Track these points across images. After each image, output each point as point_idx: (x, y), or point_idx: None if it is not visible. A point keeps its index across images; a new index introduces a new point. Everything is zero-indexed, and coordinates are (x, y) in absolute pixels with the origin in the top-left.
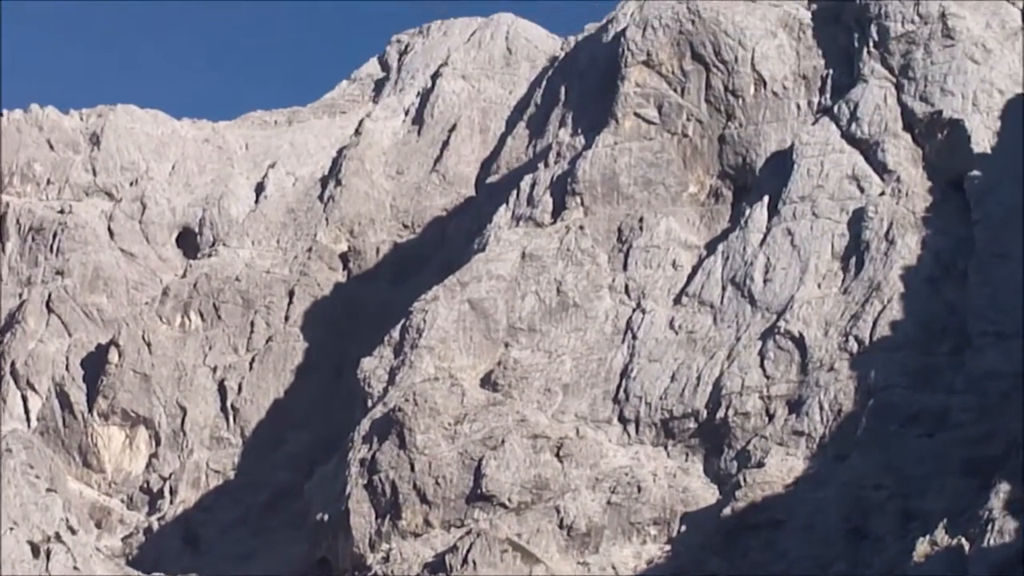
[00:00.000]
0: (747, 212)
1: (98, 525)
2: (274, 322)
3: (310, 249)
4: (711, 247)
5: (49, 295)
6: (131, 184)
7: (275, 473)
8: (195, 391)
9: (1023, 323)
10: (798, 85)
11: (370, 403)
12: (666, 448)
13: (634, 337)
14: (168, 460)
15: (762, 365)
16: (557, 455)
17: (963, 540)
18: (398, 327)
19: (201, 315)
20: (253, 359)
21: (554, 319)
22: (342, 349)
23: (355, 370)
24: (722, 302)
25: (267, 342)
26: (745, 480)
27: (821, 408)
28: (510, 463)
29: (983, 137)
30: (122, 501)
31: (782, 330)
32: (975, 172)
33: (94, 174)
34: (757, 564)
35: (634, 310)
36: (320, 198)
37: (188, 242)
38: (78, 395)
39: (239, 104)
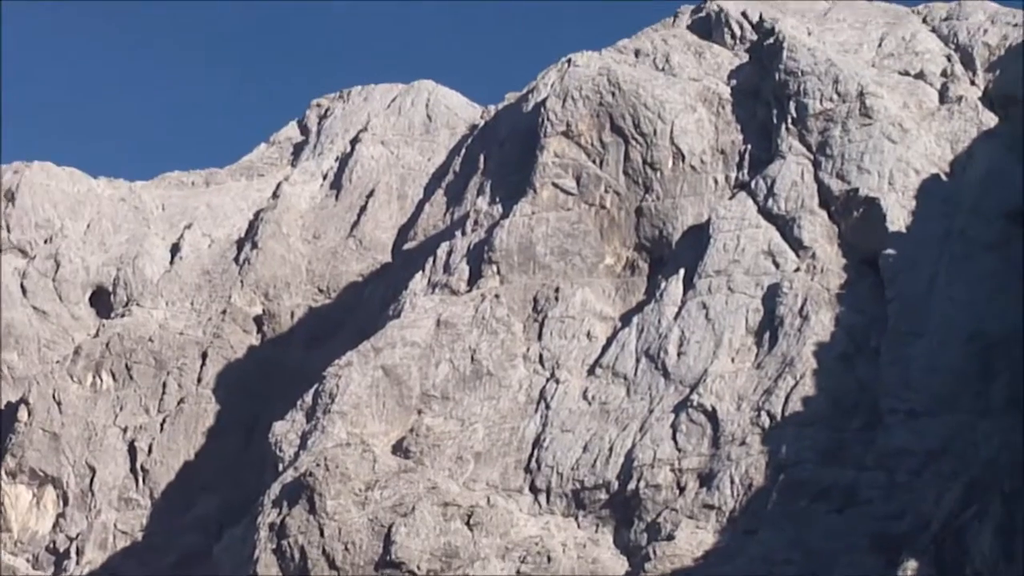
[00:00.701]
0: (663, 285)
1: None
2: (186, 384)
3: (224, 311)
4: (626, 319)
5: None
6: (45, 242)
7: (184, 535)
8: (105, 451)
9: (934, 402)
10: (716, 159)
11: (281, 467)
12: (576, 519)
13: (547, 407)
14: (75, 520)
15: (674, 438)
16: (467, 523)
17: None
18: (311, 392)
19: (113, 375)
20: (164, 420)
21: (468, 387)
22: (254, 412)
23: (266, 433)
24: (636, 374)
25: (179, 403)
26: (655, 552)
27: (732, 482)
28: (420, 530)
29: (898, 216)
30: (28, 561)
31: (695, 403)
32: (890, 250)
33: (8, 230)
34: None
35: (548, 380)
36: (236, 260)
37: (102, 301)
38: None
39: (156, 164)
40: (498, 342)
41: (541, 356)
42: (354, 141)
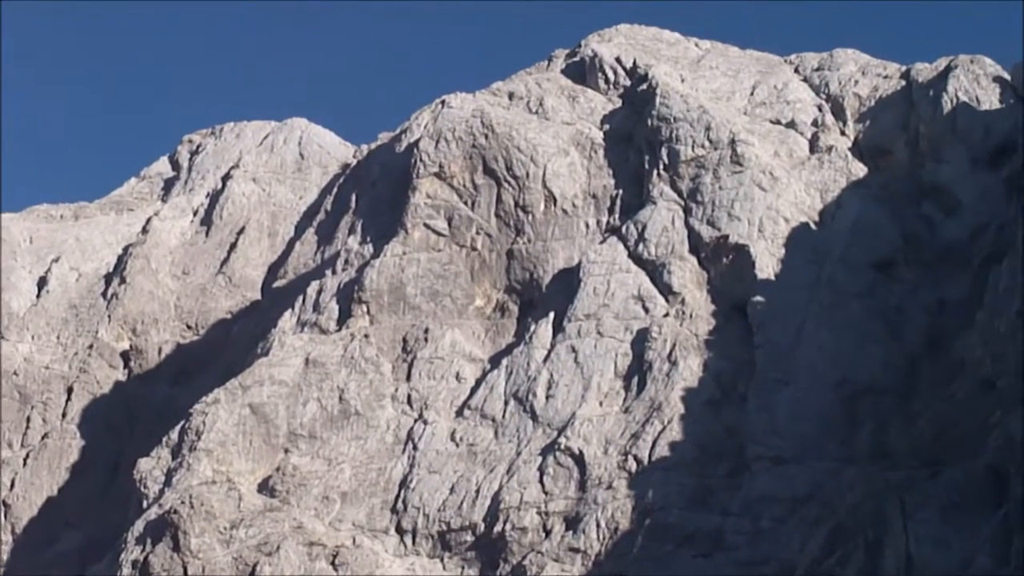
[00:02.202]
0: (532, 328)
1: None
2: (51, 418)
3: (91, 346)
4: (495, 361)
5: None
6: None
7: (46, 571)
8: None
9: (800, 449)
10: (588, 204)
11: (145, 504)
12: (442, 560)
13: (415, 448)
14: None
15: (541, 481)
16: (332, 563)
17: None
18: (177, 428)
19: None
20: (28, 455)
21: (335, 427)
22: (119, 448)
23: (131, 470)
24: (504, 416)
25: (43, 438)
26: None
27: (598, 525)
28: (285, 569)
29: (767, 263)
30: None
31: (562, 446)
32: (758, 297)
33: None
34: None
35: (416, 421)
36: (104, 295)
37: None
38: None
39: (24, 197)
40: (367, 382)
41: (409, 397)
42: (225, 178)
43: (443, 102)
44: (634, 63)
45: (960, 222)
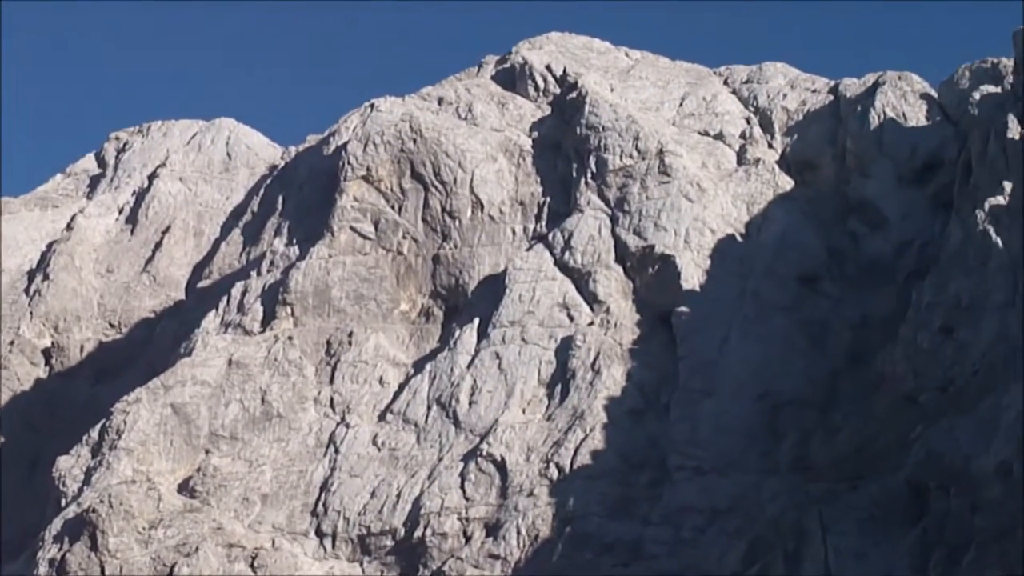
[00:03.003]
0: (457, 333)
1: None
2: None
3: (12, 342)
4: (419, 366)
5: None
6: None
7: None
8: None
9: (721, 460)
10: (515, 210)
11: (63, 502)
12: (362, 564)
13: (336, 451)
14: None
15: (463, 486)
16: (251, 565)
17: None
18: (97, 427)
19: None
20: None
21: (257, 428)
22: (38, 446)
23: (50, 468)
24: (426, 421)
25: None
26: None
27: (518, 532)
28: (203, 571)
29: (693, 274)
30: None
31: (484, 453)
32: (683, 308)
33: None
34: None
35: (338, 424)
36: (26, 291)
37: None
38: None
39: None
40: (289, 384)
41: (332, 400)
42: (152, 176)
43: (372, 106)
44: (564, 71)
45: (885, 238)
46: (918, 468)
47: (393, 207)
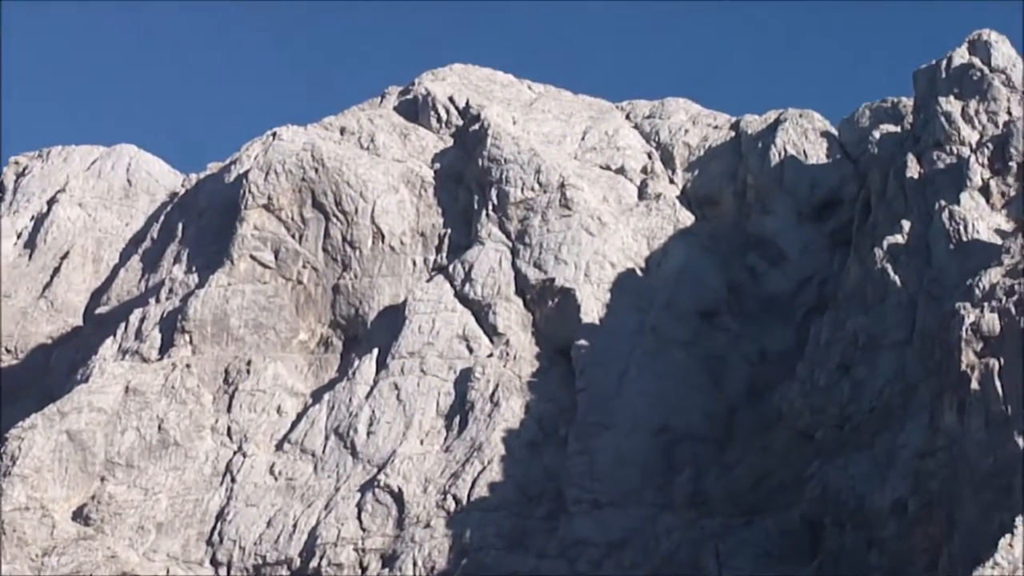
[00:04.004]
0: (356, 363)
1: None
2: None
3: None
4: (317, 395)
5: None
6: None
7: None
8: None
9: (618, 493)
10: (416, 241)
11: None
12: None
13: (233, 480)
14: None
15: (359, 517)
16: None
17: None
18: None
19: None
20: None
21: (153, 456)
22: None
23: None
24: (324, 451)
25: None
26: None
27: (415, 564)
28: None
29: (592, 308)
30: None
31: (382, 483)
32: (582, 342)
33: None
34: None
35: (235, 453)
36: None
37: None
38: None
39: None
40: (187, 412)
41: (229, 428)
42: (51, 201)
43: (274, 134)
44: (467, 103)
45: (784, 274)
46: (814, 504)
47: (294, 236)
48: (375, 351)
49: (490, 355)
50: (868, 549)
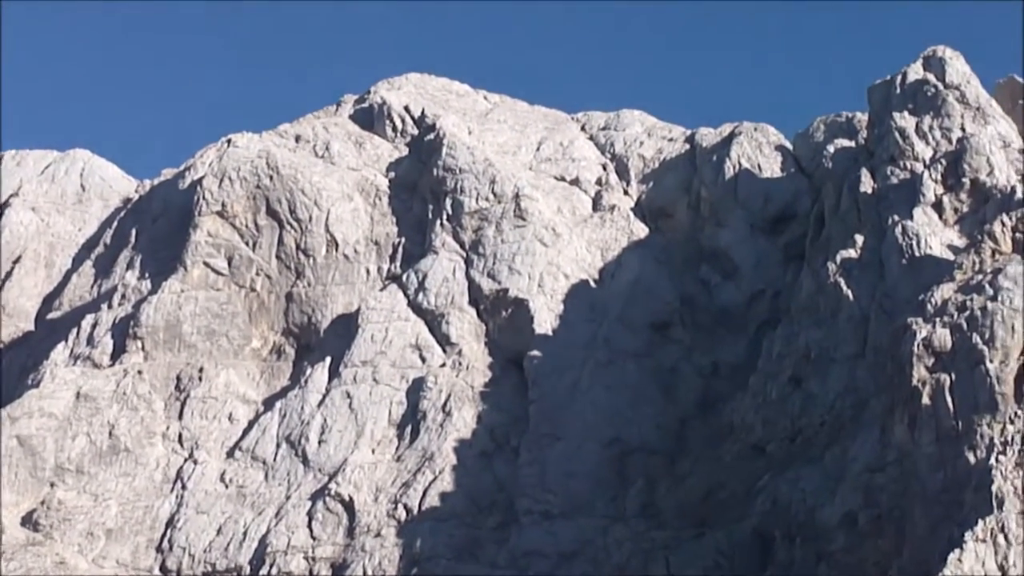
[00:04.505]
0: (308, 371)
1: None
2: None
3: None
4: (269, 403)
5: None
6: None
7: None
8: None
9: (569, 505)
10: (370, 250)
11: None
12: None
13: (183, 487)
14: None
15: (310, 525)
16: None
17: None
18: None
19: None
20: None
21: (104, 462)
22: None
23: None
24: (275, 459)
25: None
26: None
27: (365, 573)
28: None
29: (546, 319)
30: None
31: (332, 492)
32: (535, 352)
33: None
34: None
35: (186, 460)
36: None
37: None
38: None
39: None
40: (138, 418)
41: (180, 435)
42: (4, 206)
43: (229, 141)
44: (422, 112)
45: (737, 287)
46: (764, 517)
47: (247, 243)
48: (328, 359)
49: (443, 365)
50: (818, 562)
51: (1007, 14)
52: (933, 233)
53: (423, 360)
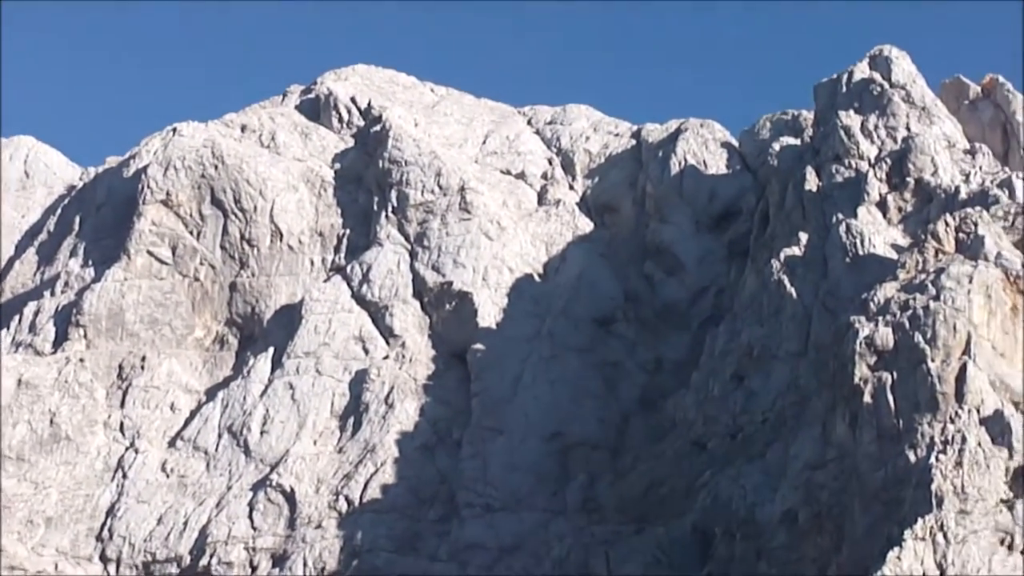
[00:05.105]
0: (251, 362)
1: None
2: None
3: None
4: (211, 393)
5: None
6: None
7: None
8: None
9: (511, 498)
10: (314, 241)
11: None
12: None
13: (124, 476)
14: None
15: (251, 516)
16: None
17: None
18: None
19: None
20: None
21: (44, 450)
22: None
23: None
24: (217, 449)
25: None
26: None
27: (305, 564)
28: None
29: (490, 312)
30: None
31: (274, 483)
32: (479, 346)
33: None
34: None
35: (127, 449)
36: None
37: None
38: None
39: None
40: (79, 407)
41: (122, 424)
42: None
43: (175, 130)
44: (369, 104)
45: (681, 283)
46: (705, 513)
47: (192, 233)
48: (271, 350)
49: (386, 357)
50: (758, 559)
51: (952, 14)
52: (877, 232)
53: (366, 352)
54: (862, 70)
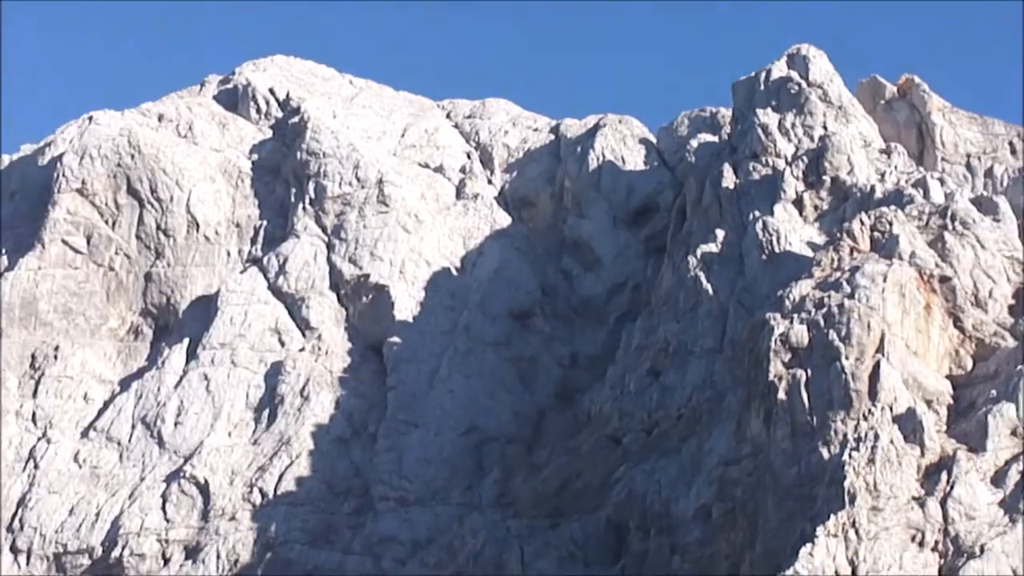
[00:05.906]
0: (166, 352)
1: None
2: None
3: None
4: (125, 384)
5: None
6: None
7: None
8: None
9: (425, 492)
10: (231, 232)
11: None
12: None
13: (36, 467)
14: None
15: (164, 508)
16: None
17: None
18: None
19: None
20: None
21: None
22: None
23: None
24: (130, 440)
25: None
26: None
27: (218, 557)
28: None
29: (406, 305)
30: None
31: (188, 474)
32: (395, 339)
33: None
34: None
35: (39, 439)
36: None
37: None
38: None
39: None
40: None
41: (35, 414)
42: None
43: (90, 118)
44: (287, 95)
45: (598, 278)
46: (619, 508)
47: (107, 222)
48: (186, 341)
49: (302, 349)
50: (672, 554)
51: (870, 14)
52: (793, 230)
53: (282, 344)
54: (780, 68)
